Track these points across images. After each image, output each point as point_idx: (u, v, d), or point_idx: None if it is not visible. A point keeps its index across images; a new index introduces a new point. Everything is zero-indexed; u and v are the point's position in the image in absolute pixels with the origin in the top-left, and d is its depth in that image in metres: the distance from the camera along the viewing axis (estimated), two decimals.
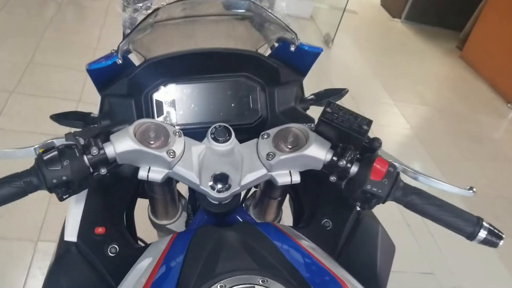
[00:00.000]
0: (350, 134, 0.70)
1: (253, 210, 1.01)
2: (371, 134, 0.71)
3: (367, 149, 0.73)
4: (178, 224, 0.99)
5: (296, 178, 0.75)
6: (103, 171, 0.69)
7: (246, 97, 0.93)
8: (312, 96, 1.02)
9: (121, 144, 0.69)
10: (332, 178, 0.73)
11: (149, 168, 0.73)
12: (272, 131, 0.75)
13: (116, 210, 0.82)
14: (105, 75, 0.85)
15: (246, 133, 0.90)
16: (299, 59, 0.92)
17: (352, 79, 3.95)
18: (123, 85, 0.87)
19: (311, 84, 0.99)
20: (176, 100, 0.91)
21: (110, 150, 0.69)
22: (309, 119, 0.91)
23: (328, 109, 0.73)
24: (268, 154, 0.72)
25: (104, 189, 0.80)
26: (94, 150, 0.67)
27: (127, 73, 0.87)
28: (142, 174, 0.72)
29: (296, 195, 0.95)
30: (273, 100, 0.94)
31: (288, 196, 0.98)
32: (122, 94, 0.88)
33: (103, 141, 0.70)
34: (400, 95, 3.94)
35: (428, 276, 2.25)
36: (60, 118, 0.92)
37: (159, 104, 0.90)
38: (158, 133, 0.71)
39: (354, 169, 0.70)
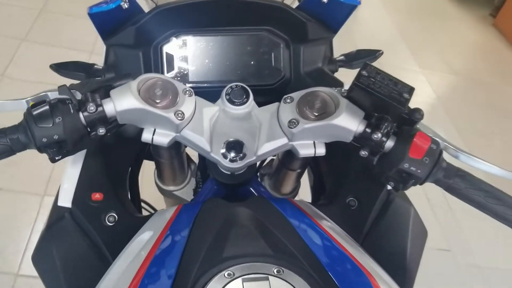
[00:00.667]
0: (388, 103, 0.60)
1: (268, 181, 0.92)
2: None
3: (406, 121, 0.62)
4: (186, 191, 0.91)
5: (321, 150, 0.65)
6: (102, 131, 0.60)
7: (268, 55, 0.82)
8: (342, 57, 0.91)
9: (122, 102, 0.59)
10: (363, 153, 0.63)
11: (154, 130, 0.64)
12: (297, 95, 0.65)
13: (117, 174, 0.74)
14: (109, 21, 0.75)
15: (265, 95, 0.80)
16: (331, 13, 0.80)
17: (377, 42, 3.75)
18: (130, 34, 0.77)
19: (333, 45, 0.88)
20: (188, 54, 0.81)
21: (110, 107, 0.60)
22: (338, 83, 0.81)
23: (364, 72, 0.62)
24: (290, 121, 0.62)
25: (105, 150, 0.72)
26: (91, 107, 0.58)
27: (134, 20, 0.77)
28: (146, 136, 0.64)
29: (317, 167, 0.86)
30: (298, 59, 0.83)
31: (307, 167, 0.89)
32: (128, 44, 0.78)
33: (103, 97, 0.61)
34: (428, 62, 3.75)
35: (444, 253, 2.18)
36: (61, 68, 0.83)
37: (170, 57, 0.80)
38: (165, 90, 0.62)
39: (390, 143, 0.60)
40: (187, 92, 0.64)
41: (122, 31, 0.77)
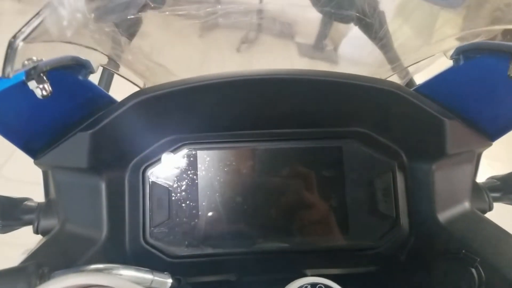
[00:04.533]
0: None
1: None
2: None
3: None
4: None
5: None
6: None
7: (362, 185, 0.41)
8: (495, 181, 0.48)
9: None
10: None
11: None
12: None
13: None
14: (21, 119, 0.36)
15: (359, 265, 0.38)
16: (500, 99, 0.38)
17: None
18: (80, 148, 0.37)
19: None
20: (200, 186, 0.40)
21: None
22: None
23: None
24: None
25: None
26: None
27: (93, 120, 0.38)
28: None
29: None
30: (427, 193, 0.41)
31: None
32: (79, 167, 0.38)
33: None
34: (495, 152, 3.24)
35: None
36: None
37: (161, 193, 0.39)
38: None
39: None
40: None
41: (64, 141, 0.38)
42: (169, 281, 0.29)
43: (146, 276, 0.27)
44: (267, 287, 0.38)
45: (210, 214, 0.40)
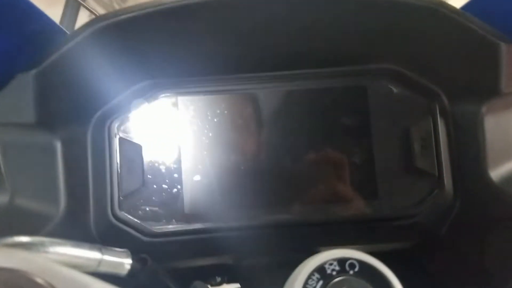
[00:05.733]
0: None
1: None
2: None
3: None
4: None
5: None
6: None
7: (397, 136, 0.31)
8: None
9: None
10: None
11: None
12: None
13: None
14: None
15: (393, 238, 0.29)
16: None
17: None
18: (25, 96, 0.28)
19: None
20: (181, 141, 0.31)
21: None
22: None
23: None
24: None
25: None
26: None
27: (36, 58, 0.28)
28: None
29: None
30: (475, 143, 0.31)
31: None
32: (26, 122, 0.29)
33: None
34: None
35: None
36: None
37: (132, 152, 0.30)
38: None
39: None
40: None
41: (3, 88, 0.29)
42: (127, 261, 0.20)
43: (90, 255, 0.19)
44: (274, 276, 0.29)
45: (196, 178, 0.31)
